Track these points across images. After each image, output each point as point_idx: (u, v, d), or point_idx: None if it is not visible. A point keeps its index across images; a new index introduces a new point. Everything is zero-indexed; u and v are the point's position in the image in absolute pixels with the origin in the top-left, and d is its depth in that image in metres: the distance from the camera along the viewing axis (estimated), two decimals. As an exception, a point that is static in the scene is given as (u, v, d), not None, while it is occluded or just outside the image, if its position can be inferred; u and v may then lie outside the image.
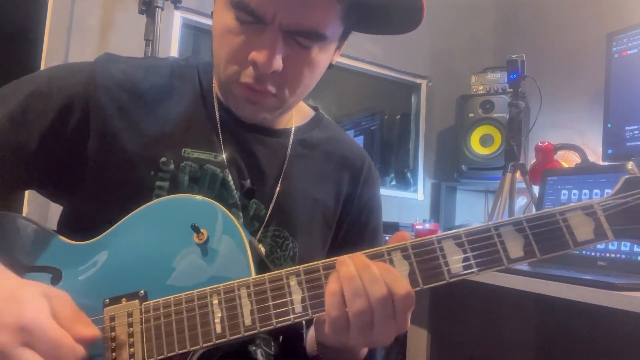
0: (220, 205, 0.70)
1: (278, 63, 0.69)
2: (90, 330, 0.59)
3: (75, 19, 1.98)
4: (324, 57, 0.74)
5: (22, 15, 2.06)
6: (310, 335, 0.79)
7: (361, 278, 0.58)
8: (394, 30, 0.77)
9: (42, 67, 1.94)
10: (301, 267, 0.62)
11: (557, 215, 0.60)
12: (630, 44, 1.70)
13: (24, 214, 0.76)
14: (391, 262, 0.61)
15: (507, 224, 0.60)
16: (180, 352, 0.63)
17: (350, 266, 0.59)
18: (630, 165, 0.63)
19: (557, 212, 0.60)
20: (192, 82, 0.81)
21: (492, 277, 1.30)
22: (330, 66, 0.80)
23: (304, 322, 0.77)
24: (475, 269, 0.60)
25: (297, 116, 0.87)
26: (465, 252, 0.60)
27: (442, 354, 1.95)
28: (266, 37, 0.68)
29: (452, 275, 0.60)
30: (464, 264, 0.60)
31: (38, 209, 1.82)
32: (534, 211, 1.88)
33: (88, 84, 0.74)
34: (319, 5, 0.68)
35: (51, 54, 1.94)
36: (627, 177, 0.61)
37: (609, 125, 1.75)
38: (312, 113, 0.92)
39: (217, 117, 0.79)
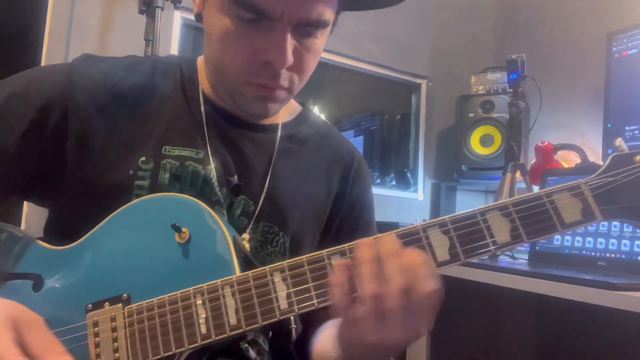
0: (202, 203, 0.68)
1: (291, 58, 0.69)
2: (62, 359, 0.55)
3: (75, 19, 1.98)
4: (323, 41, 0.75)
5: (22, 15, 2.06)
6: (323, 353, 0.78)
7: (386, 264, 0.55)
8: (381, 4, 0.76)
9: (42, 67, 1.94)
10: (285, 263, 0.61)
11: (544, 198, 0.58)
12: (630, 44, 1.70)
13: (23, 216, 0.76)
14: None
15: (493, 209, 0.59)
16: (165, 354, 0.62)
17: (373, 249, 0.57)
18: (618, 142, 0.62)
19: (543, 194, 0.58)
20: (174, 79, 0.80)
21: (492, 277, 1.30)
22: None
23: (292, 318, 0.76)
24: (461, 256, 0.59)
25: (284, 111, 0.86)
26: (451, 239, 0.59)
27: (442, 354, 1.95)
28: (276, 35, 0.67)
29: (438, 263, 0.59)
30: (450, 252, 0.59)
31: (37, 210, 1.81)
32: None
33: (66, 85, 0.73)
34: None
35: (51, 54, 1.94)
36: (614, 154, 0.59)
37: (609, 125, 1.75)
38: (299, 108, 0.91)
39: (203, 113, 0.79)
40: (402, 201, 2.69)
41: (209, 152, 0.77)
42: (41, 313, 0.65)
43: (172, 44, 2.18)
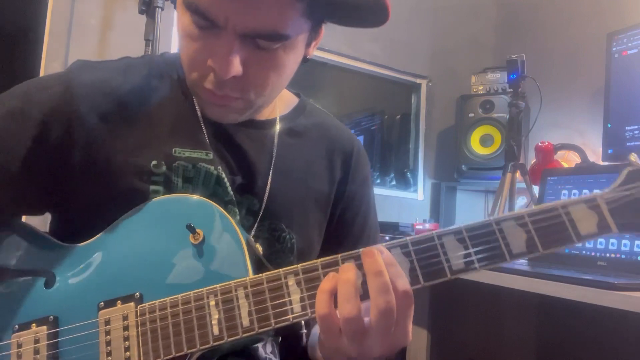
0: (216, 205, 0.68)
1: (236, 69, 0.66)
2: None
3: (75, 19, 1.98)
4: (291, 55, 0.70)
5: (22, 15, 2.06)
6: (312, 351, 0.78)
7: (368, 284, 0.57)
8: (365, 24, 0.73)
9: (42, 67, 1.94)
10: (299, 266, 0.61)
11: (560, 209, 0.58)
12: (630, 44, 1.70)
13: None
14: None
15: (509, 219, 0.59)
16: (177, 354, 0.62)
17: (352, 268, 0.58)
18: (633, 157, 0.62)
19: (559, 205, 0.59)
20: (171, 79, 0.79)
21: (492, 277, 1.30)
22: (305, 60, 0.76)
23: (303, 322, 0.76)
24: (476, 265, 0.58)
25: (280, 105, 0.85)
26: (466, 247, 0.59)
27: (442, 354, 1.95)
28: (221, 43, 0.65)
29: (453, 271, 0.59)
30: (465, 260, 0.58)
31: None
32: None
33: (64, 95, 0.72)
34: (274, 7, 0.63)
35: (51, 54, 1.94)
36: (630, 169, 0.61)
37: (609, 125, 1.75)
38: (295, 100, 0.90)
39: (199, 113, 0.77)
40: (402, 201, 2.69)
41: (214, 153, 0.76)
42: (53, 310, 0.66)
43: (172, 44, 2.18)
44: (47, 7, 1.95)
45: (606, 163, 1.76)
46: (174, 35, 2.19)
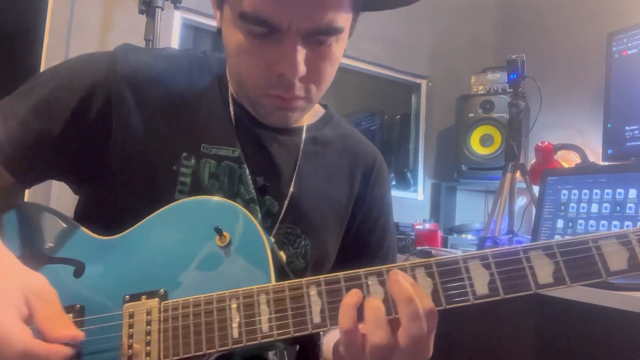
0: (244, 209, 0.70)
1: (303, 68, 0.69)
2: (69, 333, 0.57)
3: (75, 19, 1.98)
4: (341, 47, 0.74)
5: (22, 15, 2.06)
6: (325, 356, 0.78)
7: (398, 311, 0.57)
8: (399, 3, 0.76)
9: (42, 67, 1.94)
10: (322, 277, 0.62)
11: (590, 243, 0.57)
12: (630, 44, 1.70)
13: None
14: (414, 278, 0.59)
15: (537, 248, 0.58)
16: (196, 354, 0.63)
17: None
18: None
19: (590, 239, 0.57)
20: (210, 77, 0.81)
21: (492, 277, 1.30)
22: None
23: (321, 333, 0.76)
24: (500, 292, 0.57)
25: (308, 113, 0.86)
26: (492, 274, 0.58)
27: (442, 353, 1.95)
28: (286, 47, 0.67)
29: (477, 296, 0.58)
30: (490, 286, 0.58)
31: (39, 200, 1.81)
32: (534, 211, 1.85)
33: (108, 72, 0.74)
34: (330, 2, 0.67)
35: (51, 54, 1.94)
36: None
37: (609, 125, 1.75)
38: (322, 111, 0.92)
39: (232, 113, 0.79)
40: (402, 201, 2.69)
41: (241, 152, 0.78)
42: (80, 298, 0.68)
43: (172, 44, 2.18)
44: (47, 7, 1.95)
45: (606, 163, 1.76)
46: (173, 35, 2.19)
